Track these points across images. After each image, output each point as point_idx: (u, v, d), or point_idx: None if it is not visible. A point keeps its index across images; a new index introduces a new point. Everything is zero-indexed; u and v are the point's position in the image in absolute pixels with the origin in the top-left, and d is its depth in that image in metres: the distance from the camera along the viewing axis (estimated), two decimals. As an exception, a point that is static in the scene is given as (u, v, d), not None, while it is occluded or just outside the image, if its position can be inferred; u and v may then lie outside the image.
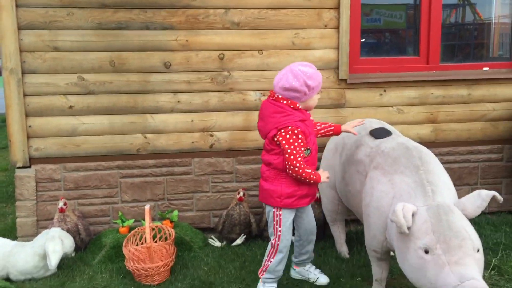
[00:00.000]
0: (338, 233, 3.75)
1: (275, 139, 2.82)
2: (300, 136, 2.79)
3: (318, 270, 3.31)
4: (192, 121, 4.03)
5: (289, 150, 2.77)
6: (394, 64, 4.31)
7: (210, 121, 4.06)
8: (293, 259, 3.30)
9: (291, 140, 2.78)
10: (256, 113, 4.06)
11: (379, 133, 3.25)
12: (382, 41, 4.86)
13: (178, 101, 3.99)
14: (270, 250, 3.00)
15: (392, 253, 3.07)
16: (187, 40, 3.93)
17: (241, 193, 3.89)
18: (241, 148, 4.14)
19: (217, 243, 3.87)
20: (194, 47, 3.95)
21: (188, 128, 4.04)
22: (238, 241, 3.86)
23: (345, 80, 4.17)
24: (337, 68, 4.14)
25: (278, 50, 4.06)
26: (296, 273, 3.32)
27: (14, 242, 3.41)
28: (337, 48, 4.12)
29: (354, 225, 4.09)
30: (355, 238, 3.90)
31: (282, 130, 2.79)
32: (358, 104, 4.22)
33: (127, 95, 3.92)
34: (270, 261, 2.98)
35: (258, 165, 4.16)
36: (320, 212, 3.88)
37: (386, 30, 4.76)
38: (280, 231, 2.94)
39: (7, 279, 3.24)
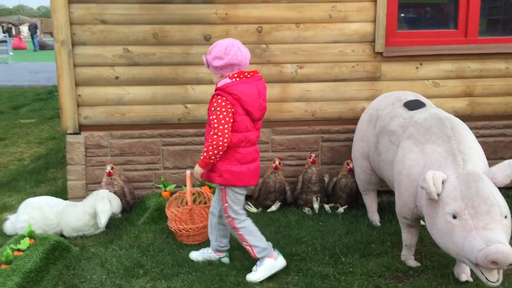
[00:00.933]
0: (370, 202, 3.87)
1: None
2: None
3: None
4: (230, 92, 4.18)
5: None
6: (431, 37, 4.32)
7: (247, 92, 4.20)
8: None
9: None
10: (293, 85, 4.20)
11: (413, 105, 3.32)
12: (421, 15, 4.85)
13: (217, 73, 4.14)
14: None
15: (422, 222, 3.19)
16: (226, 14, 4.06)
17: (277, 162, 4.05)
18: (277, 119, 4.28)
19: (253, 209, 4.06)
20: (233, 20, 4.08)
21: (226, 99, 4.19)
22: (273, 208, 4.04)
23: (381, 53, 4.22)
24: (373, 41, 4.19)
25: (315, 23, 4.14)
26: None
27: (67, 201, 3.70)
28: (374, 21, 4.16)
29: (387, 196, 4.19)
30: (387, 208, 4.01)
31: None
32: (393, 77, 4.28)
33: (169, 67, 4.10)
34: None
35: (294, 136, 4.30)
36: (353, 182, 4.00)
37: (425, 3, 4.74)
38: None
39: (61, 235, 3.53)
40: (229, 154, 2.84)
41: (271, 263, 2.95)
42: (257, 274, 2.94)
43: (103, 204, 3.49)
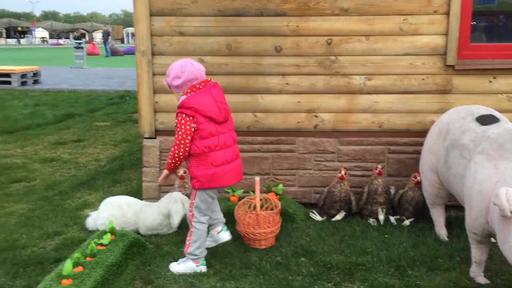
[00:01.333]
0: (438, 216, 3.83)
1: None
2: None
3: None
4: (298, 102, 4.30)
5: None
6: (506, 50, 4.22)
7: (315, 102, 4.30)
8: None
9: None
10: (360, 96, 4.25)
11: (486, 120, 3.28)
12: (495, 24, 4.73)
13: (287, 83, 4.27)
14: None
15: (493, 239, 3.13)
16: (297, 26, 4.18)
17: (343, 172, 4.10)
18: (343, 130, 4.34)
19: (318, 217, 4.13)
20: (304, 33, 4.19)
21: (294, 109, 4.31)
22: (338, 217, 4.09)
23: (452, 66, 4.17)
24: (445, 54, 4.16)
25: (385, 35, 4.17)
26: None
27: (143, 202, 3.95)
28: (446, 34, 4.13)
29: (455, 210, 4.13)
30: (455, 222, 3.95)
31: None
32: (465, 91, 4.22)
33: (240, 77, 4.28)
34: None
35: (360, 147, 4.34)
36: (420, 195, 3.98)
37: (500, 12, 4.63)
38: None
39: (137, 233, 3.77)
40: (201, 160, 3.08)
41: (192, 267, 3.23)
42: (178, 267, 3.25)
43: (177, 206, 3.69)
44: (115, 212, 3.77)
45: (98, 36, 56.32)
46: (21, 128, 7.96)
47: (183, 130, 3.02)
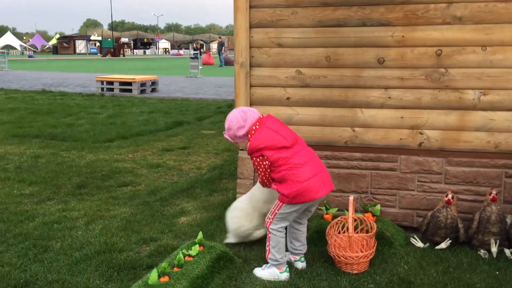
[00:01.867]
0: None
1: None
2: None
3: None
4: (402, 117, 4.00)
5: None
6: None
7: (421, 118, 3.97)
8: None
9: None
10: (474, 112, 3.84)
11: None
12: None
13: (389, 97, 4.00)
14: None
15: None
16: (403, 36, 3.89)
17: (450, 196, 3.72)
18: (452, 149, 3.95)
19: (419, 244, 3.79)
20: (410, 43, 3.89)
21: (397, 124, 4.02)
22: (443, 245, 3.71)
23: None
24: None
25: (505, 46, 3.73)
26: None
27: None
28: None
29: None
30: None
31: None
32: None
33: (339, 89, 4.09)
34: None
35: (471, 168, 3.91)
36: (542, 227, 3.47)
37: None
38: None
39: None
40: (287, 182, 3.12)
41: (276, 273, 3.27)
42: (262, 272, 3.30)
43: None
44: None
45: (214, 46, 59.14)
46: (135, 134, 8.48)
47: (261, 169, 3.19)
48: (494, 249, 3.57)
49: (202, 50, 36.62)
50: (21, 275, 3.29)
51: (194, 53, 24.02)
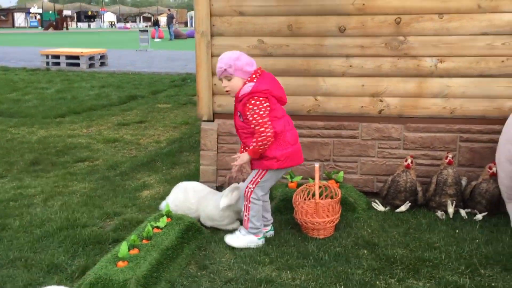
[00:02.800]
0: (515, 212, 3.51)
1: None
2: None
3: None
4: (362, 85, 4.07)
5: None
6: None
7: (381, 86, 4.05)
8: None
9: None
10: (431, 79, 3.96)
11: None
12: None
13: (350, 65, 4.05)
14: None
15: None
16: (363, 4, 3.93)
17: (409, 160, 3.85)
18: (410, 115, 4.07)
19: (380, 207, 3.92)
20: (370, 11, 3.94)
21: (358, 93, 4.09)
22: (403, 208, 3.85)
23: (537, 46, 3.78)
24: (529, 33, 3.77)
25: (461, 13, 3.84)
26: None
27: (209, 189, 3.82)
28: (531, 11, 3.73)
29: (533, 206, 3.77)
30: (534, 219, 3.61)
31: None
32: (550, 74, 3.81)
33: (301, 58, 4.10)
34: None
35: (429, 134, 4.05)
36: (495, 187, 3.66)
37: None
38: None
39: (199, 222, 3.67)
40: (280, 139, 3.13)
41: (254, 240, 3.27)
42: (238, 241, 3.27)
43: (229, 192, 3.47)
44: (180, 196, 3.70)
45: (163, 20, 57.70)
46: (87, 109, 8.20)
47: (262, 112, 3.06)
48: (450, 209, 3.74)
49: (159, 24, 35.37)
50: (-21, 255, 3.15)
51: (145, 26, 23.26)
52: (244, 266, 3.05)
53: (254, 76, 3.13)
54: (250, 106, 3.07)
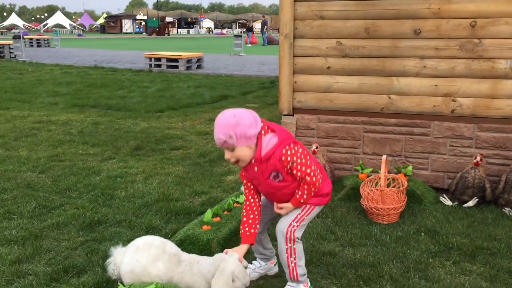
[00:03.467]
0: None
1: None
2: None
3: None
4: (436, 86, 4.27)
5: None
6: None
7: (454, 86, 4.22)
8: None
9: None
10: (505, 81, 4.08)
11: None
12: None
13: (424, 66, 4.27)
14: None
15: None
16: (439, 8, 4.14)
17: (478, 158, 3.99)
18: (484, 116, 4.19)
19: (448, 202, 4.10)
20: (446, 15, 4.14)
21: (431, 92, 4.29)
22: (470, 203, 4.00)
23: None
24: None
25: (538, 16, 3.92)
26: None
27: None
28: None
29: None
30: None
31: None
32: None
33: (377, 59, 4.39)
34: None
35: (501, 134, 4.16)
36: None
37: None
38: None
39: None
40: (323, 176, 2.67)
41: None
42: None
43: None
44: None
45: (257, 26, 59.31)
46: (184, 106, 9.00)
47: (304, 160, 2.53)
48: (518, 207, 3.83)
49: (253, 30, 36.78)
50: (94, 216, 3.84)
51: (240, 32, 24.31)
52: (311, 240, 3.43)
53: (267, 128, 2.55)
54: (289, 158, 2.48)
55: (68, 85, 11.73)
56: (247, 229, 2.67)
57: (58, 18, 68.44)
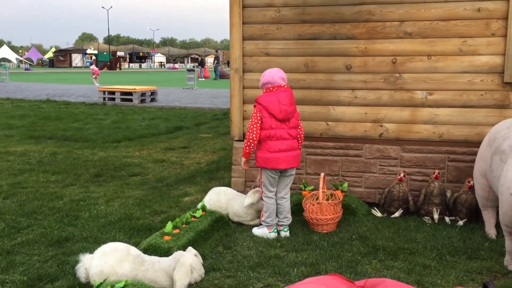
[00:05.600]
0: (488, 217, 4.22)
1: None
2: None
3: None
4: (365, 113, 4.94)
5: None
6: None
7: (380, 114, 4.91)
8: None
9: None
10: (422, 109, 4.79)
11: (524, 127, 3.69)
12: None
13: (355, 97, 4.94)
14: None
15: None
16: (366, 47, 4.85)
17: (401, 174, 4.65)
18: (406, 138, 4.89)
19: (378, 214, 4.71)
20: (371, 53, 4.85)
21: (362, 119, 4.96)
22: (397, 214, 4.63)
23: (510, 83, 4.56)
24: (503, 72, 4.57)
25: (446, 55, 4.69)
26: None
27: (236, 192, 4.75)
28: (504, 54, 4.55)
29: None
30: (506, 225, 4.29)
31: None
32: (522, 105, 4.57)
33: (315, 90, 5.04)
34: None
35: (421, 154, 4.85)
36: (473, 198, 4.40)
37: None
38: None
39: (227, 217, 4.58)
40: (262, 145, 4.09)
41: (266, 232, 4.17)
42: (256, 230, 4.23)
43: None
44: (213, 197, 4.64)
45: (209, 60, 60.44)
46: (139, 136, 9.38)
47: (253, 119, 4.06)
48: (435, 215, 4.49)
49: (204, 64, 37.77)
50: (61, 233, 4.17)
51: (192, 66, 24.92)
52: (260, 247, 3.92)
53: (268, 90, 4.08)
54: (251, 114, 4.12)
55: (21, 118, 11.84)
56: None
57: (4, 52, 67.03)
